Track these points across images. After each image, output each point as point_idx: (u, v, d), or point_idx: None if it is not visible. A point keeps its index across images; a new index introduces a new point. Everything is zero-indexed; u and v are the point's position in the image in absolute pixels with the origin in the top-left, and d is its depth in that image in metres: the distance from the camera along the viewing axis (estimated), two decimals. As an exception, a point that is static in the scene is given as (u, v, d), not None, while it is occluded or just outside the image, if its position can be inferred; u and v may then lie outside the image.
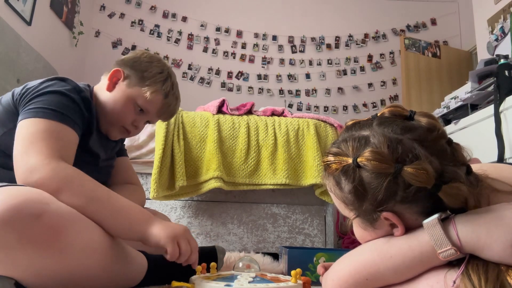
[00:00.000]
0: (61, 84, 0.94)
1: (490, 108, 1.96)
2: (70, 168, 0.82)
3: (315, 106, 4.13)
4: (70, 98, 0.91)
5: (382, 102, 4.14)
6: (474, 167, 0.62)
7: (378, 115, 0.64)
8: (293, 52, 4.27)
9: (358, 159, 0.58)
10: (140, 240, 0.83)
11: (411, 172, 0.54)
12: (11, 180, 0.80)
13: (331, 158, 0.63)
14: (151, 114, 1.07)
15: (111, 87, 1.04)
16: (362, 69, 4.25)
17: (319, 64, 4.25)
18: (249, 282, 0.75)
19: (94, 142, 1.01)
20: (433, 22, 4.33)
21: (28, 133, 0.82)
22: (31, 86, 0.92)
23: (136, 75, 1.04)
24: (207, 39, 4.21)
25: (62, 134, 0.86)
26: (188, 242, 0.85)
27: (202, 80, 4.11)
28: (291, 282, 0.75)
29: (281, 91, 4.17)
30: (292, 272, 0.78)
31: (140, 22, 4.17)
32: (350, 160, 0.59)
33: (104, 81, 1.06)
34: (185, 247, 0.83)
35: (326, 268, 0.73)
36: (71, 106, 0.91)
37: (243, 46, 4.23)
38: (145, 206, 1.32)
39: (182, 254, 0.83)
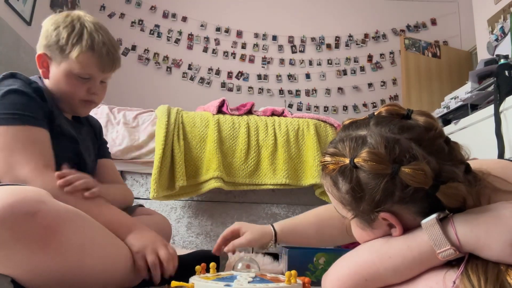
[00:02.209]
0: (11, 81, 0.92)
1: (490, 108, 1.96)
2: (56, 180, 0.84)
3: (315, 106, 4.13)
4: (25, 94, 0.90)
5: (382, 102, 4.15)
6: (476, 164, 0.62)
7: (375, 114, 0.64)
8: (293, 52, 4.27)
9: (355, 160, 0.58)
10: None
11: (409, 173, 0.54)
12: None
13: (328, 158, 0.62)
14: (94, 74, 1.01)
15: (46, 73, 1.01)
16: (362, 69, 4.25)
17: (319, 64, 4.25)
18: (248, 282, 0.75)
19: (65, 125, 1.00)
20: (433, 22, 4.33)
21: (3, 143, 0.83)
22: None
23: (55, 50, 0.99)
24: (207, 39, 4.21)
25: (34, 137, 0.87)
26: (157, 253, 0.87)
27: (202, 80, 4.11)
28: (285, 283, 0.75)
29: (281, 91, 4.17)
30: (287, 274, 0.78)
31: (140, 22, 4.17)
32: (347, 161, 0.59)
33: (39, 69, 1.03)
34: (151, 260, 0.86)
35: None
36: (30, 103, 0.90)
37: (243, 46, 4.23)
38: (142, 205, 1.33)
39: (151, 267, 0.85)
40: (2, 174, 0.81)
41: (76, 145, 1.03)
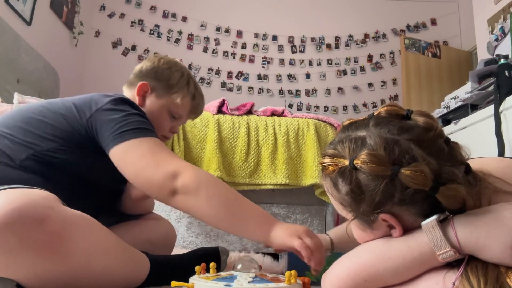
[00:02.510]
0: (130, 106, 0.97)
1: (490, 108, 1.96)
2: (204, 170, 0.91)
3: (315, 106, 4.13)
4: (145, 117, 0.96)
5: (382, 102, 4.15)
6: (477, 164, 0.62)
7: (374, 114, 0.63)
8: (293, 52, 4.27)
9: (355, 161, 0.57)
10: (264, 242, 0.88)
11: (408, 175, 0.54)
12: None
13: (327, 160, 0.62)
14: (184, 117, 1.13)
15: (141, 101, 1.08)
16: (362, 69, 4.25)
17: (319, 64, 4.25)
18: (248, 282, 0.75)
19: None
20: (433, 22, 4.33)
21: (144, 150, 0.88)
22: (100, 107, 0.93)
23: (161, 85, 1.08)
24: (207, 39, 4.21)
25: (164, 144, 0.93)
26: (312, 239, 0.86)
27: (202, 80, 4.11)
28: (285, 283, 0.75)
29: (281, 91, 4.17)
30: (286, 274, 0.78)
31: (140, 22, 4.17)
32: (346, 162, 0.59)
33: (131, 94, 1.09)
34: (310, 242, 0.84)
35: None
36: (150, 124, 0.96)
37: (243, 46, 4.23)
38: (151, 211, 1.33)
39: (312, 249, 0.83)
40: (152, 172, 0.85)
41: None
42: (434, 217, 0.55)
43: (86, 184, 0.97)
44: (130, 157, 0.87)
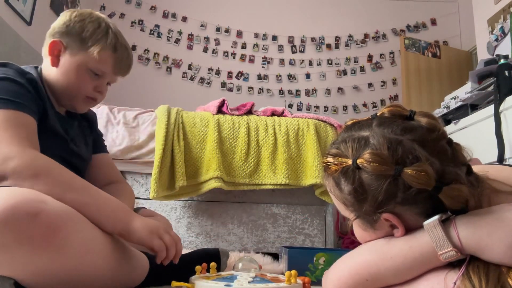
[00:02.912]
0: (3, 70, 0.90)
1: (490, 108, 1.96)
2: (46, 157, 0.80)
3: (315, 106, 4.13)
4: (17, 83, 0.87)
5: (382, 102, 4.15)
6: (475, 168, 0.62)
7: (378, 114, 0.63)
8: (293, 52, 4.27)
9: (358, 161, 0.57)
10: (122, 233, 0.82)
11: (411, 174, 0.54)
12: None
13: (330, 159, 0.62)
14: (107, 74, 1.01)
15: (55, 61, 0.98)
16: (362, 69, 4.25)
17: (319, 64, 4.25)
18: (249, 282, 0.75)
19: (54, 123, 0.97)
20: (433, 22, 4.33)
21: None
22: None
23: (75, 40, 0.97)
24: (207, 39, 4.21)
25: (23, 121, 0.83)
26: (170, 234, 0.85)
27: (202, 80, 4.11)
28: (285, 283, 0.75)
29: (281, 91, 4.17)
30: (286, 274, 0.78)
31: (140, 22, 4.17)
32: (349, 162, 0.59)
33: (46, 57, 1.00)
34: (168, 240, 0.83)
35: None
36: (21, 92, 0.87)
37: (243, 46, 4.23)
38: (144, 207, 1.32)
39: (168, 247, 0.82)
40: None
41: (66, 144, 1.00)
42: (436, 217, 0.55)
43: None
44: None
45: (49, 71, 0.99)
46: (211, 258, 1.08)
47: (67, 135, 1.00)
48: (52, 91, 1.00)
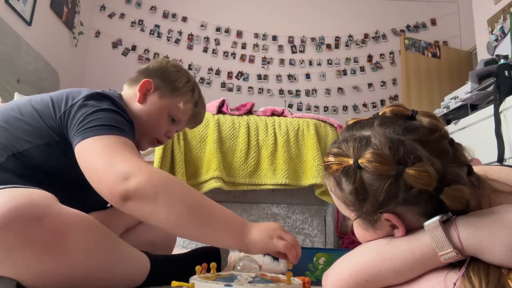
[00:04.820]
0: (108, 102, 0.91)
1: (490, 108, 1.96)
2: (164, 172, 0.81)
3: (315, 106, 4.13)
4: (121, 115, 0.90)
5: (382, 102, 4.15)
6: (475, 169, 0.62)
7: (379, 114, 0.63)
8: (293, 52, 4.27)
9: (359, 161, 0.57)
10: (240, 249, 0.81)
11: (413, 174, 0.54)
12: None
13: (331, 158, 0.62)
14: (182, 123, 1.09)
15: (142, 99, 1.03)
16: (362, 69, 4.25)
17: (319, 64, 4.25)
18: (249, 282, 0.75)
19: None
20: (433, 22, 4.33)
21: (101, 148, 0.79)
22: (74, 103, 0.88)
23: (166, 86, 1.04)
24: (207, 39, 4.21)
25: (130, 145, 0.84)
26: (290, 235, 0.84)
27: (202, 80, 4.11)
28: (285, 283, 0.75)
29: (281, 91, 4.17)
30: (287, 274, 0.78)
31: (140, 22, 4.17)
32: (350, 161, 0.59)
33: (132, 91, 1.04)
34: (290, 239, 0.81)
35: None
36: (125, 123, 0.90)
37: (243, 46, 4.23)
38: None
39: (294, 245, 0.81)
40: (101, 175, 0.76)
41: None
42: (437, 218, 0.55)
43: (71, 184, 0.90)
44: (87, 155, 0.80)
45: (132, 103, 1.04)
46: (211, 256, 1.08)
47: None
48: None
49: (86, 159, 0.80)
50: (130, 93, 1.05)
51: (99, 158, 0.77)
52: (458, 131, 2.24)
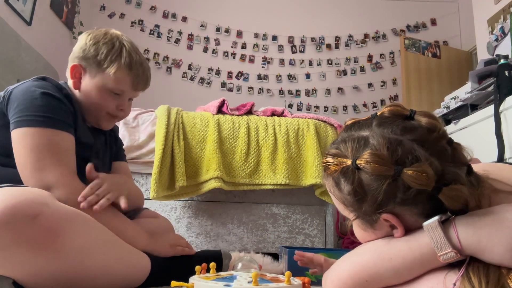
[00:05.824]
0: (43, 84, 0.94)
1: (490, 108, 1.96)
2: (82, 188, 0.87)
3: (315, 106, 4.13)
4: (58, 99, 0.92)
5: (382, 102, 4.15)
6: (475, 167, 0.62)
7: (378, 114, 0.63)
8: (293, 52, 4.27)
9: (357, 161, 0.57)
10: (145, 248, 0.95)
11: (411, 175, 0.54)
12: (11, 179, 0.80)
13: (330, 159, 0.62)
14: (126, 92, 1.05)
15: (78, 84, 1.03)
16: (362, 69, 4.25)
17: (319, 64, 4.25)
18: (248, 282, 0.75)
19: (84, 133, 1.02)
20: (433, 22, 4.33)
21: (31, 145, 0.84)
22: (16, 86, 0.93)
23: (91, 63, 1.01)
24: (207, 39, 4.21)
25: (63, 142, 0.89)
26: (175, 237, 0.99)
27: (202, 80, 4.11)
28: (285, 283, 0.75)
29: (281, 91, 4.17)
30: (287, 274, 0.78)
31: (140, 22, 4.17)
32: (349, 162, 0.59)
33: (69, 79, 1.05)
34: (183, 242, 0.97)
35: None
36: (61, 108, 0.92)
37: (243, 46, 4.23)
38: (147, 208, 1.33)
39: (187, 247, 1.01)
40: (28, 176, 0.83)
41: (89, 152, 1.04)
42: (436, 218, 0.55)
43: None
44: (19, 148, 0.85)
45: (74, 91, 1.04)
46: (213, 260, 1.08)
47: (91, 148, 1.05)
48: (80, 106, 1.04)
49: (18, 153, 0.85)
50: (70, 81, 1.05)
51: (27, 159, 0.84)
52: (458, 131, 2.24)
